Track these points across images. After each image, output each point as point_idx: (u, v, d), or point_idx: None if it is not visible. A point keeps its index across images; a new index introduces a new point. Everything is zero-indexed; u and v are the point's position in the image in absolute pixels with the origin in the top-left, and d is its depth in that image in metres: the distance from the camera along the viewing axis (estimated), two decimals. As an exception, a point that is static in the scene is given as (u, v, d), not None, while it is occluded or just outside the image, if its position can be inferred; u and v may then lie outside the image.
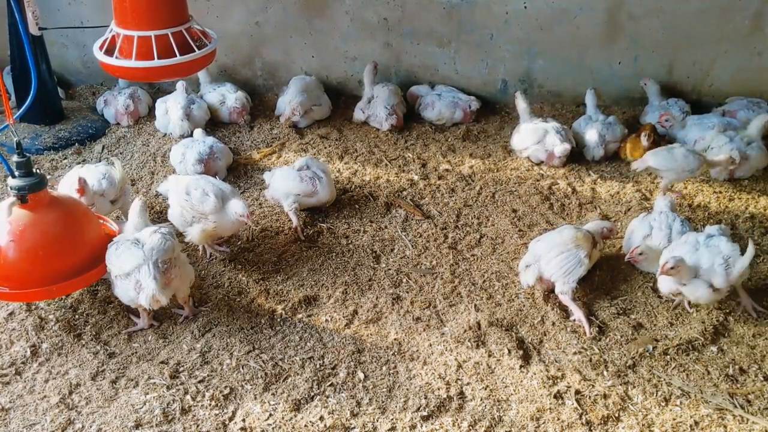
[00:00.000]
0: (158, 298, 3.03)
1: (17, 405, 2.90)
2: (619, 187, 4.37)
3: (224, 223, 3.58)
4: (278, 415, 2.85)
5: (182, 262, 3.20)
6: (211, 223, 3.55)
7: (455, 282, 3.61)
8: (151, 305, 3.07)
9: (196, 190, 3.56)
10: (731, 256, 3.17)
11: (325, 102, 5.18)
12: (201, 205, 3.52)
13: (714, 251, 3.21)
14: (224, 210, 3.55)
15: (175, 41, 3.41)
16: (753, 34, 4.76)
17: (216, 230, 3.60)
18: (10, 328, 3.28)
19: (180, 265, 3.16)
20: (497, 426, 2.82)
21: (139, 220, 3.29)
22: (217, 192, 3.57)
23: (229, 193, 3.62)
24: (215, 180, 3.73)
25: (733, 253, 3.18)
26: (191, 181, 3.65)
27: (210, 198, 3.52)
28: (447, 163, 4.64)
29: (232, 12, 5.24)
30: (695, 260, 3.21)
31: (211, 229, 3.57)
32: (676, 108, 4.84)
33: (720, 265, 3.16)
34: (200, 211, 3.54)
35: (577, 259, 3.34)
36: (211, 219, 3.54)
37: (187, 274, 3.23)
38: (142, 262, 3.03)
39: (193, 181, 3.65)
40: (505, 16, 4.99)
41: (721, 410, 2.88)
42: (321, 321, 3.37)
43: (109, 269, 3.13)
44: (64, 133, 4.88)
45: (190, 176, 3.82)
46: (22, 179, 2.98)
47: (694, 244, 3.28)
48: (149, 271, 3.02)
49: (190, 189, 3.57)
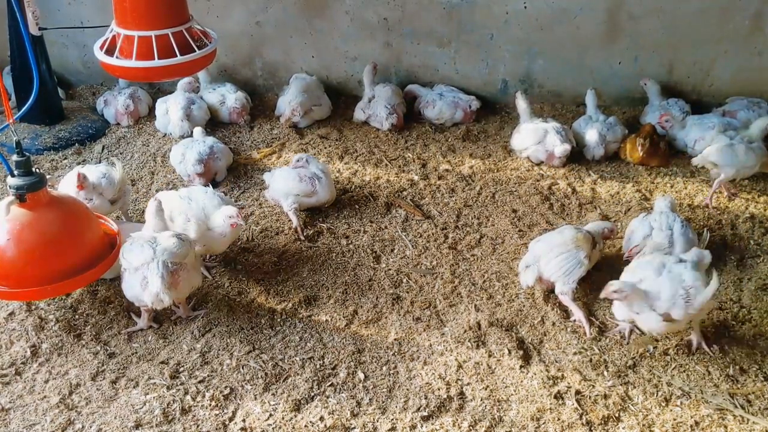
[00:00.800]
0: (162, 298, 3.03)
1: (17, 405, 2.90)
2: (619, 187, 4.36)
3: (214, 242, 3.49)
4: (278, 416, 2.85)
5: (192, 270, 3.19)
6: (200, 246, 3.47)
7: (455, 282, 3.61)
8: (154, 303, 3.07)
9: (180, 215, 3.49)
10: (693, 287, 2.94)
11: (325, 102, 5.18)
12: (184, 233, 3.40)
13: (676, 280, 2.98)
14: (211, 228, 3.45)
15: (175, 41, 3.40)
16: (753, 34, 4.76)
17: (209, 250, 3.55)
18: (10, 328, 3.28)
19: (189, 270, 3.16)
20: (497, 426, 2.82)
21: (156, 221, 3.28)
22: (200, 215, 3.46)
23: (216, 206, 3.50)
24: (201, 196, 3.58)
25: (695, 284, 2.95)
26: (174, 204, 3.52)
27: (191, 226, 3.43)
28: (447, 163, 4.63)
29: (232, 12, 5.24)
30: (656, 287, 3.00)
31: (203, 250, 3.53)
32: (676, 108, 4.84)
33: (681, 297, 2.93)
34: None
35: (577, 259, 3.34)
36: (199, 243, 3.45)
37: (194, 281, 3.23)
38: (151, 259, 3.04)
39: (176, 204, 3.52)
40: (505, 16, 4.98)
41: (722, 410, 2.88)
42: (321, 321, 3.36)
43: (120, 262, 3.16)
44: (64, 133, 4.88)
45: (174, 194, 3.62)
46: (20, 178, 2.98)
47: (659, 267, 3.06)
48: (157, 269, 3.02)
49: (174, 215, 3.50)
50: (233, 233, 3.51)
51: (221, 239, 3.49)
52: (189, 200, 3.54)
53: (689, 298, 2.93)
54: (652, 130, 4.50)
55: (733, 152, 4.07)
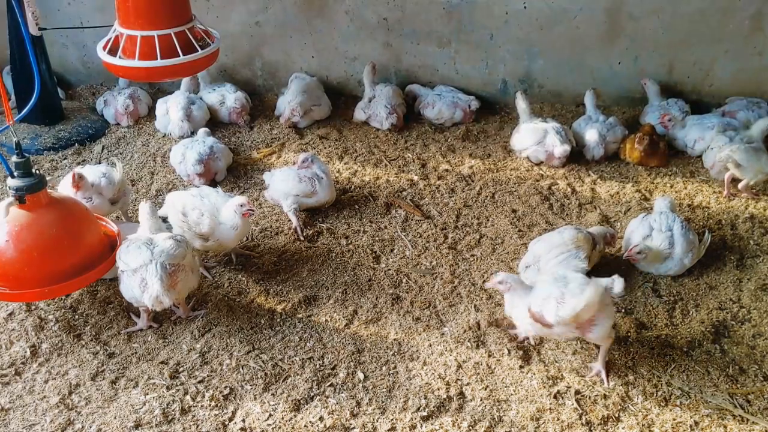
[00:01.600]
0: (162, 300, 3.02)
1: (17, 405, 2.90)
2: (618, 187, 4.36)
3: (226, 236, 3.51)
4: (278, 416, 2.85)
5: (190, 271, 3.19)
6: (213, 242, 3.51)
7: (455, 282, 3.61)
8: (154, 305, 3.07)
9: (193, 210, 3.51)
10: (570, 292, 2.80)
11: (324, 102, 5.18)
12: (198, 226, 3.48)
13: (560, 282, 2.87)
14: (222, 222, 3.48)
15: (178, 41, 3.41)
16: (753, 34, 4.76)
17: (221, 245, 3.56)
18: (9, 328, 3.28)
19: (187, 271, 3.16)
20: (497, 426, 2.82)
21: (151, 222, 3.28)
22: (213, 210, 3.50)
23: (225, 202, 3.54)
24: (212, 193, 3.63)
25: (575, 290, 2.80)
26: (187, 200, 3.57)
27: (205, 220, 3.46)
28: (447, 164, 4.63)
29: (232, 12, 5.24)
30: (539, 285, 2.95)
31: (216, 245, 3.54)
32: (676, 108, 4.83)
33: (554, 298, 2.82)
34: (198, 232, 3.49)
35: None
36: (213, 238, 3.49)
37: (191, 282, 3.22)
38: (149, 261, 3.03)
39: (189, 200, 3.57)
40: (505, 17, 4.98)
41: (721, 410, 2.88)
42: (321, 321, 3.36)
43: (117, 264, 3.15)
44: (63, 133, 4.88)
45: (186, 193, 3.68)
46: (20, 180, 2.98)
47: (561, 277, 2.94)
48: (156, 271, 3.02)
49: (187, 210, 3.53)
50: (245, 225, 3.52)
51: (233, 233, 3.50)
52: (201, 197, 3.58)
53: (562, 301, 2.79)
54: (652, 130, 4.50)
55: (756, 157, 4.08)
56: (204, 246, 3.53)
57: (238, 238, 3.58)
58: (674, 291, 3.53)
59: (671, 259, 3.53)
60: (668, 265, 3.55)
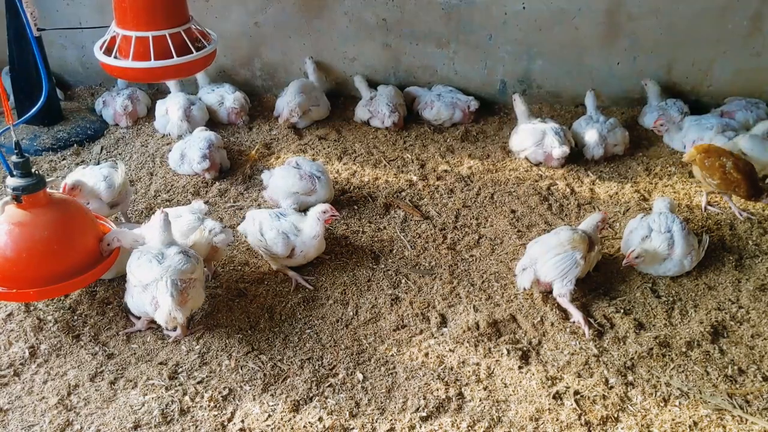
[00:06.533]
0: (175, 316, 2.98)
1: (16, 406, 2.90)
2: (617, 187, 4.37)
3: (308, 246, 3.55)
4: (277, 416, 2.85)
5: (199, 286, 3.16)
6: (299, 257, 3.57)
7: (454, 283, 3.61)
8: (167, 323, 3.04)
9: (270, 230, 3.54)
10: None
11: (323, 103, 5.18)
12: (275, 246, 3.51)
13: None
14: (302, 235, 3.53)
15: (177, 42, 3.41)
16: (752, 34, 4.77)
17: (306, 258, 3.60)
18: (8, 329, 3.27)
19: (197, 287, 3.13)
20: (496, 426, 2.82)
21: (164, 235, 3.17)
22: (291, 229, 3.53)
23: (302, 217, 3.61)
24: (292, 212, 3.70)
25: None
26: (264, 220, 3.59)
27: (279, 238, 3.50)
28: (446, 164, 4.64)
29: (231, 12, 5.24)
30: None
31: (301, 260, 3.60)
32: (675, 109, 4.84)
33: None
34: (273, 252, 3.53)
35: (573, 260, 3.33)
36: (292, 255, 3.54)
37: (199, 298, 3.18)
38: (160, 277, 3.00)
39: (267, 222, 3.58)
40: (504, 17, 4.99)
41: (720, 411, 2.88)
42: (320, 322, 3.36)
43: (128, 277, 3.13)
44: (62, 134, 4.88)
45: (264, 212, 3.67)
46: (18, 179, 2.98)
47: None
48: (166, 288, 2.98)
49: (265, 231, 3.55)
50: (322, 234, 3.56)
51: (314, 242, 3.54)
52: (278, 217, 3.61)
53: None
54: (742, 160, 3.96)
55: (763, 148, 4.07)
56: (288, 262, 3.58)
57: (320, 246, 3.61)
58: (673, 291, 3.54)
59: (670, 260, 3.53)
60: (667, 265, 3.55)
